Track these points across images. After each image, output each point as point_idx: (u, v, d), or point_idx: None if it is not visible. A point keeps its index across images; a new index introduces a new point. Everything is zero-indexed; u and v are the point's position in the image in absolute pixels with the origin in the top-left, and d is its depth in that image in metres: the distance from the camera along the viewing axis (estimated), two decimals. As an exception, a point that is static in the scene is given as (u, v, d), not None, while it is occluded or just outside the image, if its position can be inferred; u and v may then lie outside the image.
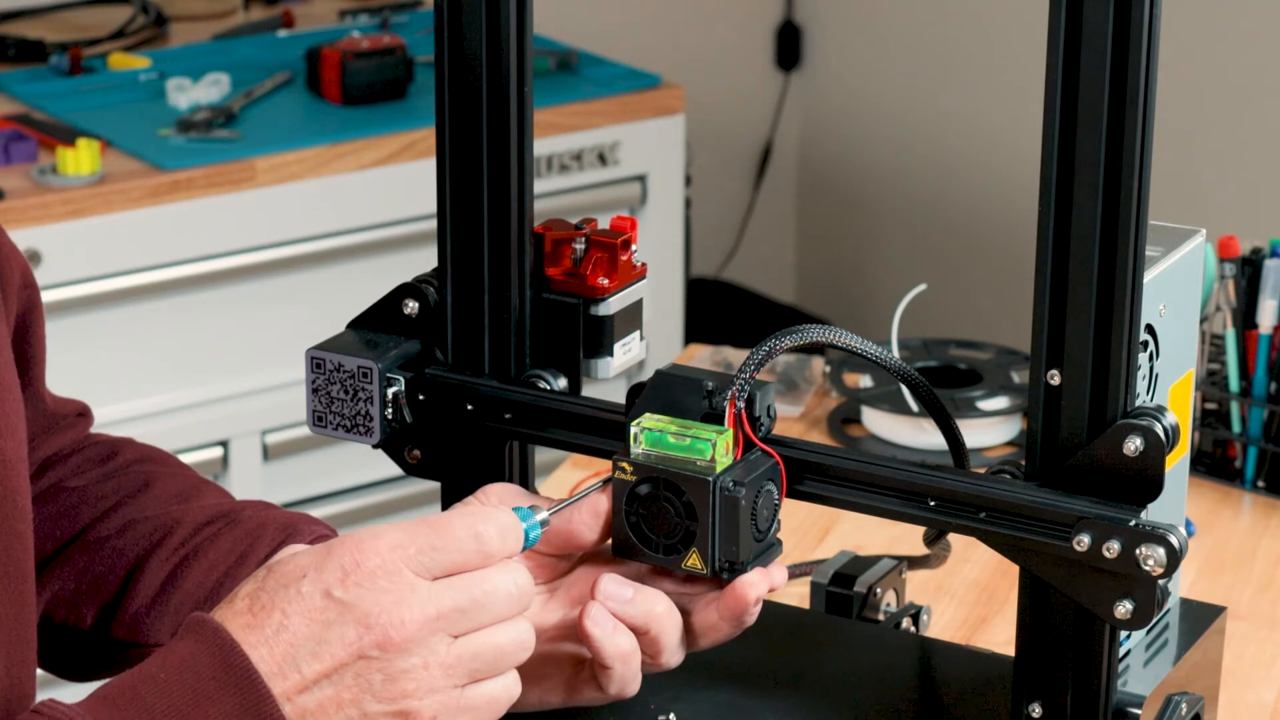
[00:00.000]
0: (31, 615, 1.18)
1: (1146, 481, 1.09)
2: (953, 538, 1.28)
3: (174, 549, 1.26)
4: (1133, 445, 1.09)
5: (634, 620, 1.14)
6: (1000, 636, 1.60)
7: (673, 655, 1.16)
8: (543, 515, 1.13)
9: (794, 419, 1.99)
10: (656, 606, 1.14)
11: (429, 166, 1.68)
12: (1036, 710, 1.14)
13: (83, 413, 1.37)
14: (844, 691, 1.24)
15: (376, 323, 1.25)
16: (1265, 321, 1.84)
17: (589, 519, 1.15)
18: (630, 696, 1.16)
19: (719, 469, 1.13)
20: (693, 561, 1.14)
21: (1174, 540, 1.07)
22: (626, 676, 1.15)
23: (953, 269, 3.87)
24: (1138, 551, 1.07)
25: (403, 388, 1.22)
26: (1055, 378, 1.10)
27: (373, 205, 2.76)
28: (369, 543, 1.03)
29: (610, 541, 1.17)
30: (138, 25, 3.15)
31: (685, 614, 1.17)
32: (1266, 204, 3.40)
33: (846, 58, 4.03)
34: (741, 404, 1.15)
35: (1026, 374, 1.83)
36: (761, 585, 1.15)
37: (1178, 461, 1.22)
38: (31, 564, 1.18)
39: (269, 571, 1.04)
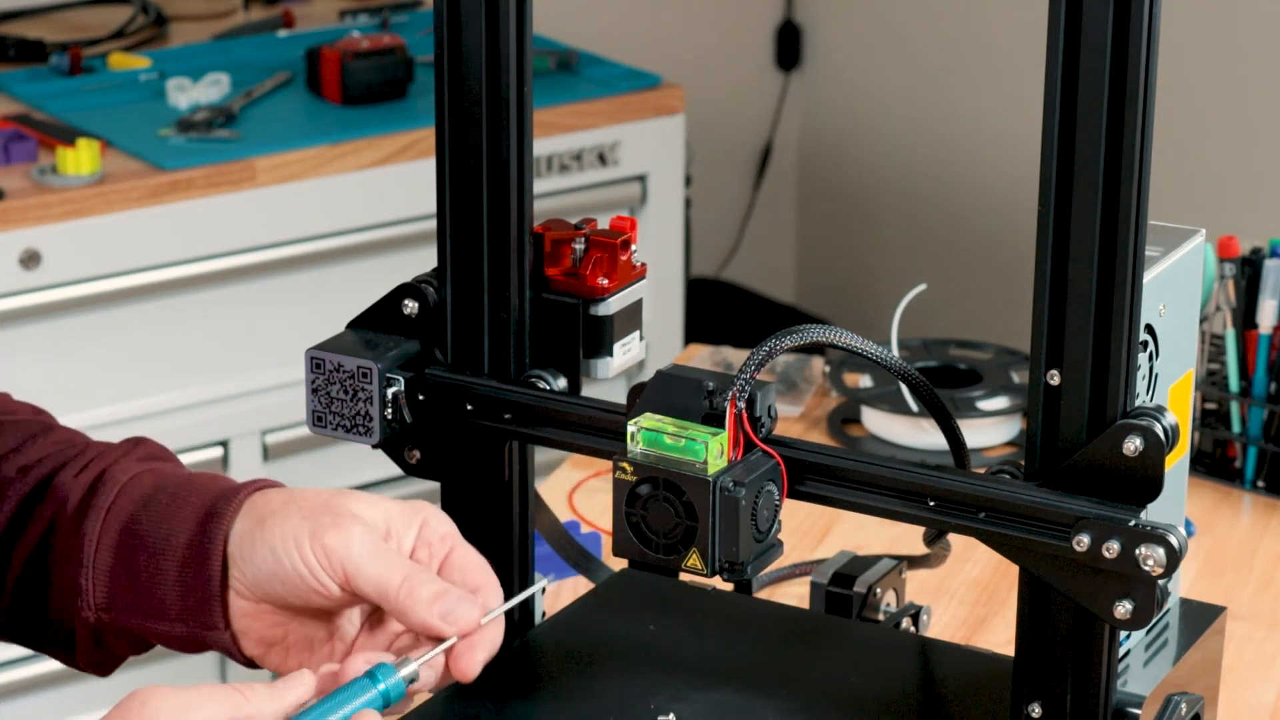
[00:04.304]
0: None
1: (1146, 481, 1.09)
2: (953, 538, 1.28)
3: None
4: (1132, 445, 1.09)
5: None
6: (1000, 636, 1.60)
7: None
8: (410, 669, 1.11)
9: (794, 419, 1.99)
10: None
11: (429, 166, 1.67)
12: (1036, 710, 1.14)
13: None
14: (844, 691, 1.24)
15: (376, 323, 1.25)
16: (1265, 321, 1.84)
17: None
18: None
19: (712, 470, 1.13)
20: (693, 561, 1.14)
21: (1174, 540, 1.07)
22: None
23: (953, 269, 3.87)
24: (1137, 551, 1.07)
25: (402, 388, 1.22)
26: (1055, 378, 1.10)
27: (373, 205, 2.76)
28: None
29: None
30: (138, 25, 3.15)
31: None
32: (1266, 204, 3.40)
33: (846, 58, 4.03)
34: (742, 404, 1.15)
35: (1026, 374, 1.83)
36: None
37: (1177, 461, 1.22)
38: None
39: None
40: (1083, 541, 1.08)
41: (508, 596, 1.28)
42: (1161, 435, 1.09)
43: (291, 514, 1.15)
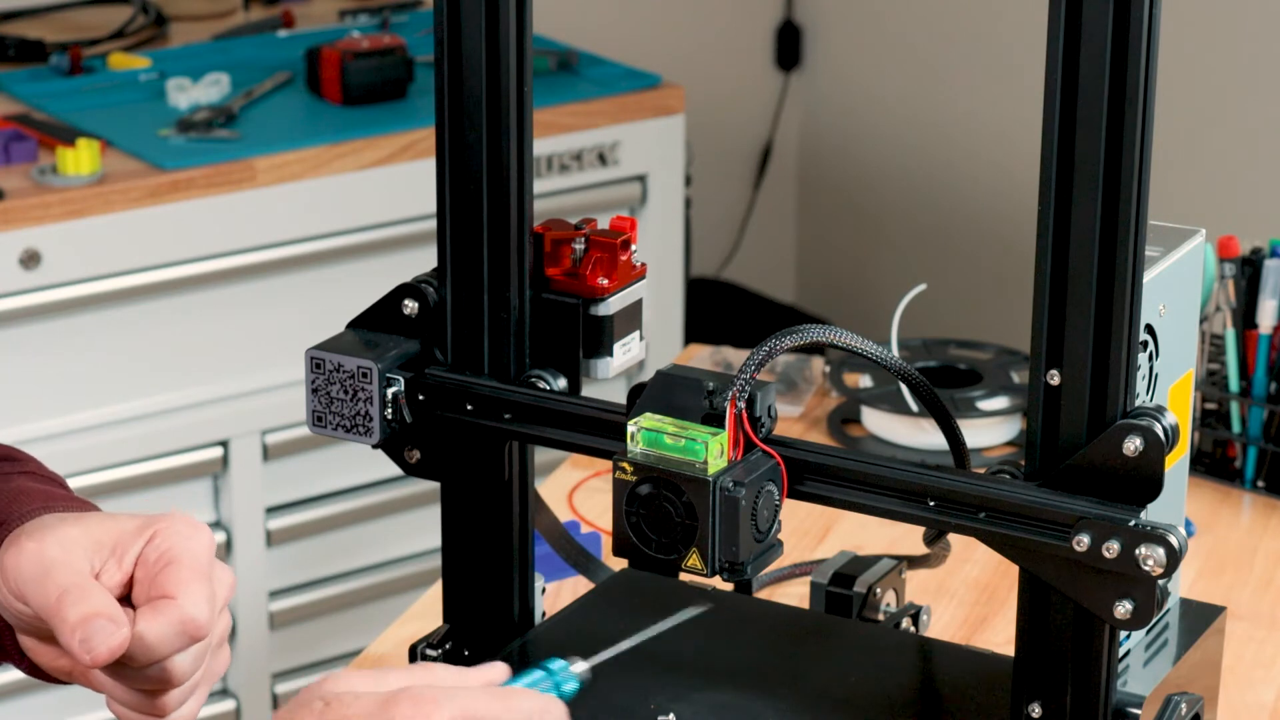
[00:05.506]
0: None
1: (1146, 481, 1.09)
2: (953, 538, 1.28)
3: None
4: (1132, 445, 1.09)
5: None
6: (1000, 636, 1.60)
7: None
8: (581, 668, 1.13)
9: (794, 419, 1.99)
10: None
11: (429, 166, 1.67)
12: (1036, 710, 1.14)
13: None
14: (844, 691, 1.24)
15: (376, 323, 1.25)
16: (1265, 321, 1.84)
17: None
18: None
19: (712, 470, 1.13)
20: (693, 561, 1.14)
21: (1174, 540, 1.07)
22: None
23: (953, 269, 3.87)
24: (1137, 551, 1.07)
25: (402, 388, 1.22)
26: (1055, 378, 1.10)
27: (373, 205, 2.76)
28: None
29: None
30: (138, 25, 3.15)
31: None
32: (1266, 204, 3.40)
33: (846, 58, 4.03)
34: (742, 404, 1.15)
35: (1026, 374, 1.83)
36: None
37: (1177, 461, 1.22)
38: None
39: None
40: (1083, 541, 1.08)
41: (508, 595, 1.28)
42: (1161, 435, 1.09)
43: (9, 544, 1.09)
